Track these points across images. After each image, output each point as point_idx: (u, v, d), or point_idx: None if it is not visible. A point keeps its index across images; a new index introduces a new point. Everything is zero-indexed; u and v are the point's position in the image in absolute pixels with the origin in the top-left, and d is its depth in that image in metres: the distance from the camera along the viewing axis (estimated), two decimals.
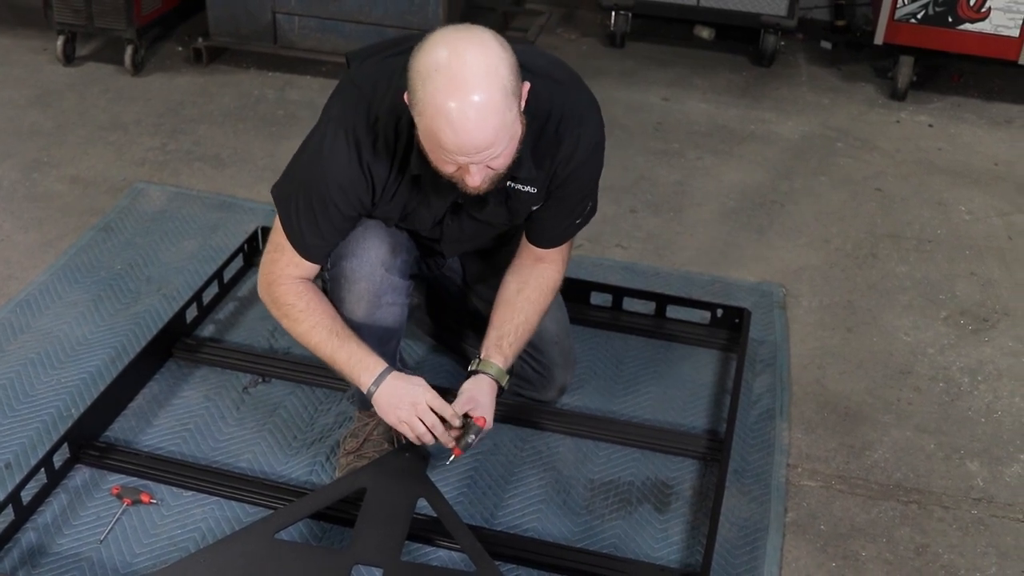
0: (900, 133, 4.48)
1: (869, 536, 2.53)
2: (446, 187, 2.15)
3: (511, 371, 2.37)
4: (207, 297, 3.09)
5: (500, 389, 2.34)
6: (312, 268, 2.33)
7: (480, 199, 2.21)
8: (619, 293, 3.13)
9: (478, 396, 2.29)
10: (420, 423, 2.26)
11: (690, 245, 3.62)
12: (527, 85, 2.02)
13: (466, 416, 2.27)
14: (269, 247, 2.34)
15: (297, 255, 2.29)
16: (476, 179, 2.01)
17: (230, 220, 3.58)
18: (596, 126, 2.28)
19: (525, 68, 2.02)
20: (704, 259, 3.54)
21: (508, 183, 2.21)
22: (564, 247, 2.46)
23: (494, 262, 2.63)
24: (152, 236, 3.49)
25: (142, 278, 3.29)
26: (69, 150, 4.04)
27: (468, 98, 1.88)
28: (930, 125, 4.55)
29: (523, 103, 2.01)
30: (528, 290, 2.42)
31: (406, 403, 2.26)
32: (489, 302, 2.66)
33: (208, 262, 3.35)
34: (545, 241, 2.42)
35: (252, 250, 3.31)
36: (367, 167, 2.16)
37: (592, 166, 2.32)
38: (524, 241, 2.46)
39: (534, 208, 2.35)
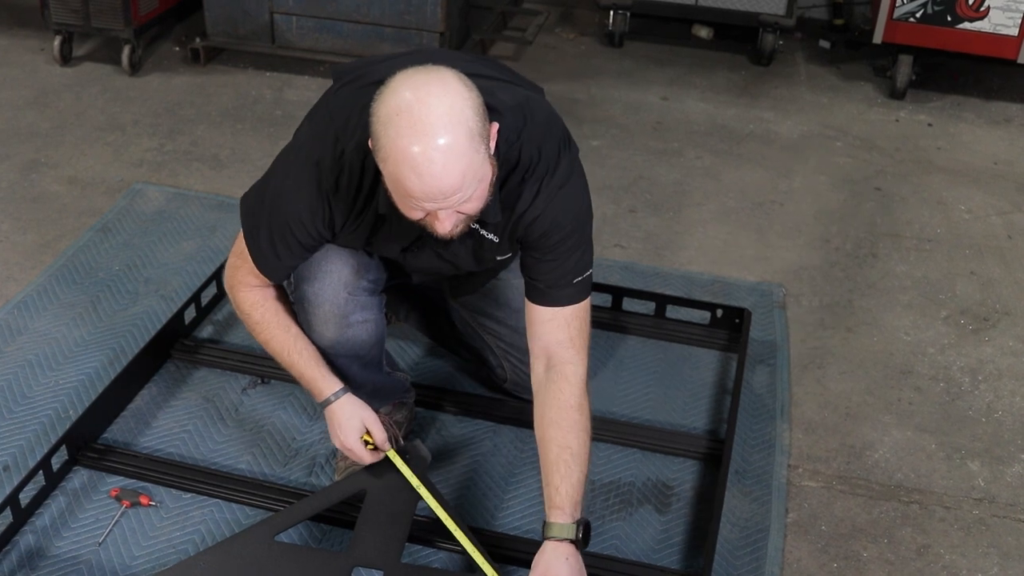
0: (899, 132, 4.47)
1: (870, 536, 2.52)
2: (411, 225, 2.03)
3: (580, 522, 2.11)
4: (206, 298, 3.08)
5: (575, 541, 2.10)
6: (273, 285, 2.32)
7: (445, 240, 2.05)
8: (619, 293, 3.12)
9: (547, 568, 2.07)
10: (357, 451, 2.29)
11: (690, 245, 3.61)
12: (495, 126, 1.93)
13: None
14: (234, 250, 2.29)
15: (256, 269, 2.25)
16: (446, 225, 1.91)
17: (229, 220, 3.56)
18: (563, 175, 2.12)
19: (495, 109, 1.95)
20: (704, 259, 3.53)
21: (476, 228, 2.11)
22: (574, 321, 2.22)
23: (473, 278, 2.58)
24: (150, 237, 3.49)
25: (140, 279, 3.28)
26: (67, 151, 4.03)
27: (432, 142, 1.78)
28: (929, 124, 4.55)
29: (493, 144, 1.91)
30: (548, 410, 2.18)
31: (344, 430, 2.28)
32: (474, 310, 2.66)
33: (207, 263, 3.34)
34: (540, 297, 2.21)
35: None
36: (328, 201, 2.09)
37: (563, 214, 2.13)
38: (530, 327, 2.25)
39: (500, 258, 2.27)
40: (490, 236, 2.17)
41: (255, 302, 2.30)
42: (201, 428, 2.72)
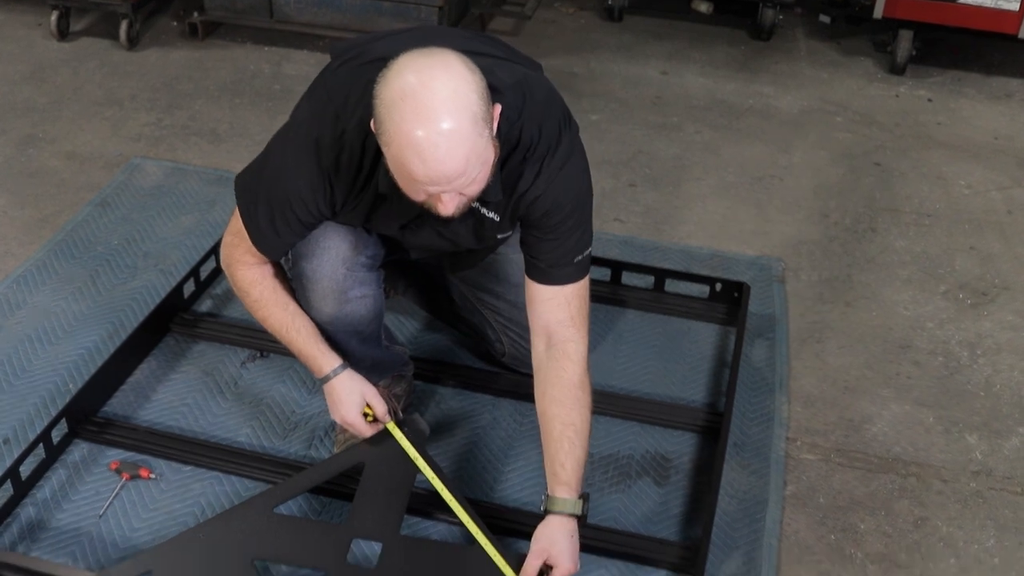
0: (899, 107, 4.46)
1: (868, 509, 2.53)
2: (411, 204, 2.01)
3: (584, 495, 2.15)
4: (204, 272, 3.08)
5: (580, 517, 2.13)
6: (271, 262, 2.31)
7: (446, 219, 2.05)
8: (618, 267, 3.12)
9: (551, 543, 2.09)
10: (358, 425, 2.30)
11: (689, 219, 3.61)
12: (498, 107, 1.92)
13: (541, 572, 2.09)
14: (230, 229, 2.28)
15: (254, 247, 2.24)
16: (449, 207, 1.91)
17: (227, 195, 3.55)
18: (564, 154, 2.12)
19: (495, 88, 1.93)
20: (703, 233, 3.53)
21: (477, 207, 2.12)
22: (574, 299, 2.24)
23: (472, 254, 2.57)
24: (149, 211, 3.48)
25: (139, 253, 3.28)
26: (64, 126, 4.02)
27: (436, 127, 1.78)
28: (929, 99, 4.54)
29: (495, 125, 1.91)
30: (550, 387, 2.20)
31: (344, 405, 2.29)
32: (473, 285, 2.66)
33: (205, 237, 3.34)
34: (540, 276, 2.22)
35: None
36: (329, 179, 2.09)
37: (564, 193, 2.14)
38: (531, 305, 2.25)
39: (500, 236, 2.28)
40: (491, 215, 2.17)
41: (253, 280, 2.29)
42: (200, 401, 2.73)
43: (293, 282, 2.34)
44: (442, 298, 2.84)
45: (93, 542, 2.35)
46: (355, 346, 2.39)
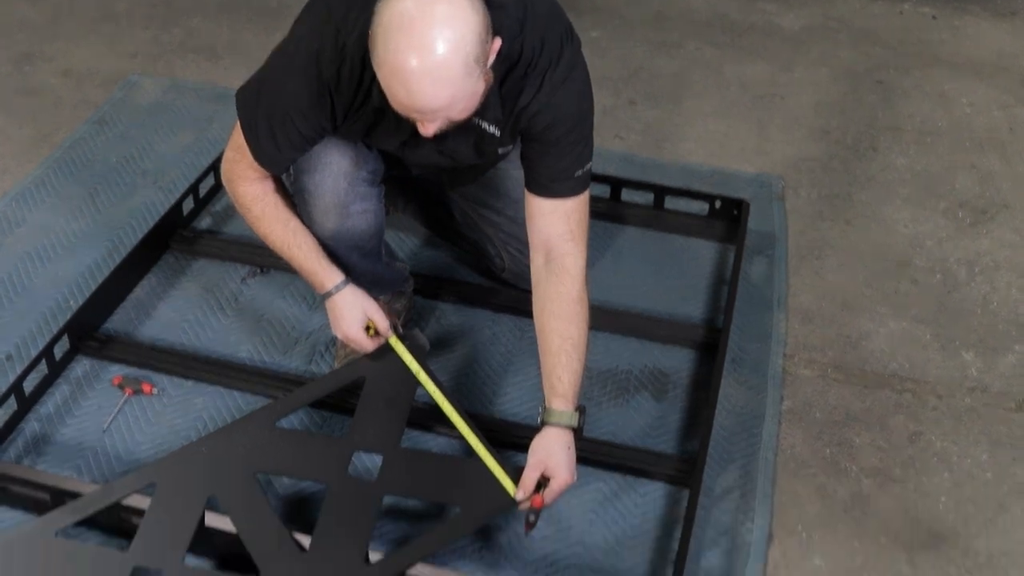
0: (903, 24, 4.42)
1: (864, 424, 2.55)
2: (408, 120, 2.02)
3: (581, 408, 2.16)
4: (204, 189, 3.07)
5: (576, 429, 2.14)
6: (272, 178, 2.30)
7: (441, 135, 2.03)
8: (617, 184, 3.11)
9: (548, 455, 2.10)
10: (360, 340, 2.30)
11: (689, 136, 3.59)
12: (497, 42, 1.90)
13: (539, 484, 2.10)
14: (231, 144, 2.26)
15: (256, 161, 2.23)
16: (430, 130, 1.92)
17: (225, 112, 3.54)
18: (566, 68, 2.10)
19: (498, 3, 1.92)
20: (703, 151, 3.52)
21: (476, 120, 2.10)
22: (574, 214, 2.23)
23: (472, 169, 2.58)
24: (147, 129, 3.47)
25: (138, 171, 3.27)
26: (60, 43, 3.98)
27: (425, 62, 1.78)
28: (933, 17, 4.49)
29: (492, 59, 1.90)
30: (549, 302, 2.20)
31: (346, 320, 2.30)
32: (473, 201, 2.66)
33: (204, 154, 3.32)
34: (540, 189, 2.21)
35: None
36: (330, 93, 2.08)
37: (565, 107, 2.13)
38: (530, 219, 2.26)
39: (500, 151, 2.28)
40: (491, 129, 2.16)
41: (255, 196, 2.28)
42: (201, 318, 2.74)
43: (295, 197, 2.33)
44: (442, 214, 2.84)
45: (97, 456, 2.37)
46: (356, 261, 2.40)
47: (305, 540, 2.02)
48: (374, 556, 2.01)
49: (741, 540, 2.25)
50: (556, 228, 2.22)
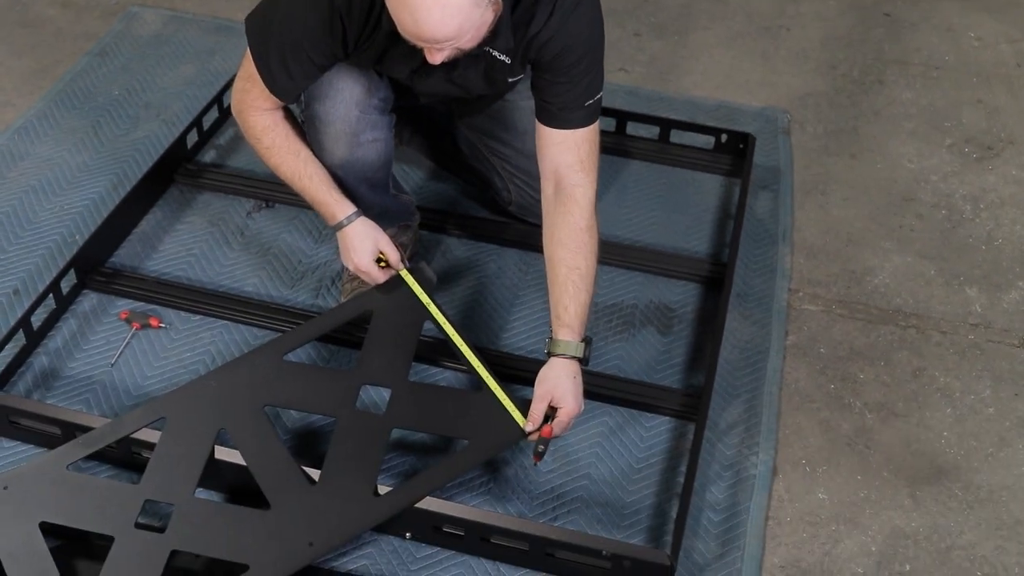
0: None
1: (867, 359, 2.57)
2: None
3: (586, 340, 2.17)
4: (207, 122, 3.06)
5: (582, 360, 2.15)
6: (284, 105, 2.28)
7: (451, 63, 2.05)
8: (623, 117, 3.09)
9: (555, 385, 2.11)
10: (372, 271, 2.30)
11: (694, 69, 3.57)
12: None
13: (547, 416, 2.12)
14: (241, 74, 2.24)
15: (267, 90, 2.21)
16: (437, 59, 1.92)
17: (227, 44, 3.51)
18: None
19: None
20: (709, 84, 3.50)
21: (486, 49, 2.10)
22: (584, 144, 2.23)
23: (480, 99, 2.57)
24: (148, 61, 3.44)
25: (140, 104, 3.25)
26: None
27: None
28: None
29: None
30: (558, 231, 2.21)
31: (358, 252, 2.29)
32: (481, 132, 2.65)
33: (206, 87, 3.30)
34: (551, 119, 2.21)
35: None
36: (341, 18, 2.06)
37: (576, 35, 2.13)
38: (540, 149, 2.26)
39: (511, 79, 2.27)
40: (502, 57, 2.15)
41: (266, 127, 2.27)
42: (207, 251, 2.74)
43: (305, 125, 2.33)
44: (449, 146, 2.83)
45: (106, 390, 2.39)
46: (364, 193, 2.39)
47: (314, 473, 2.04)
48: (383, 489, 2.03)
49: (746, 474, 2.28)
50: (566, 158, 2.21)
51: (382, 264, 2.32)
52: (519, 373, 2.39)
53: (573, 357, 2.14)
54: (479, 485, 2.22)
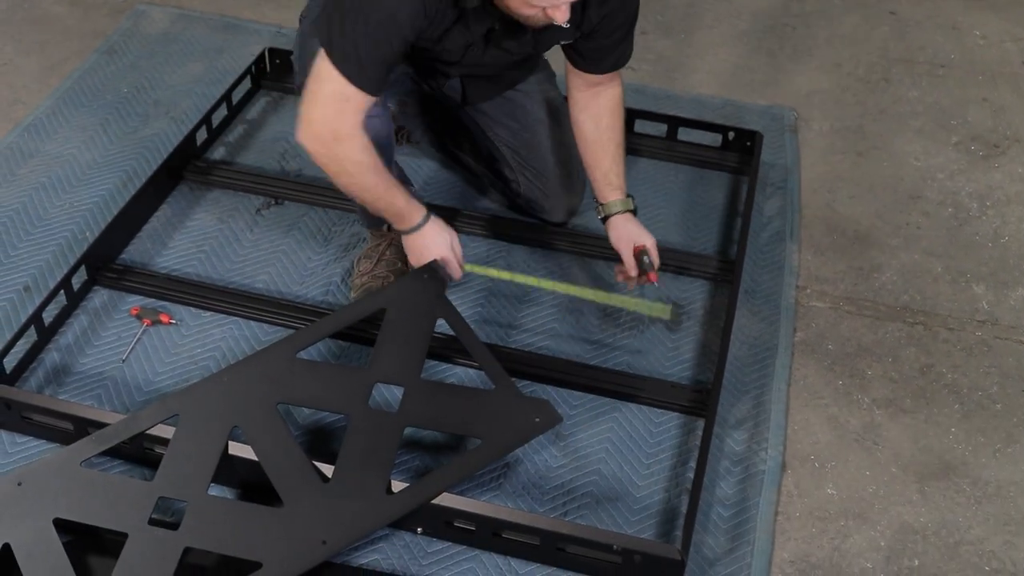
0: None
1: (875, 356, 2.58)
2: (486, 16, 2.18)
3: (631, 195, 2.48)
4: (216, 120, 3.06)
5: (633, 211, 2.47)
6: (363, 113, 2.21)
7: (518, 29, 2.22)
8: (630, 115, 3.08)
9: (629, 233, 2.43)
10: (454, 261, 2.39)
11: (701, 68, 3.58)
12: None
13: (640, 256, 2.44)
14: (327, 99, 2.15)
15: (364, 95, 2.14)
16: (566, 14, 2.04)
17: (235, 42, 3.52)
18: None
19: None
20: (715, 82, 3.50)
21: None
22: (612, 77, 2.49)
23: (495, 80, 2.61)
24: (157, 59, 3.45)
25: (149, 101, 3.25)
26: None
27: None
28: None
29: None
30: (603, 118, 2.48)
31: (439, 246, 2.37)
32: (487, 115, 2.67)
33: (215, 84, 3.31)
34: (605, 67, 2.43)
35: (260, 72, 3.27)
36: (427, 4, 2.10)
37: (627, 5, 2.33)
38: (575, 75, 2.47)
39: (562, 43, 2.38)
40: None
41: (365, 146, 2.21)
42: (217, 248, 2.75)
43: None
44: (460, 138, 2.86)
45: (117, 386, 2.40)
46: None
47: (326, 470, 2.05)
48: (396, 486, 2.04)
49: (755, 469, 2.29)
50: (607, 76, 2.46)
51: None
52: (529, 370, 2.41)
53: (627, 210, 2.45)
54: (490, 480, 2.23)
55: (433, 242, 2.36)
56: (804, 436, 2.38)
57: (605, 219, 2.47)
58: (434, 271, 2.36)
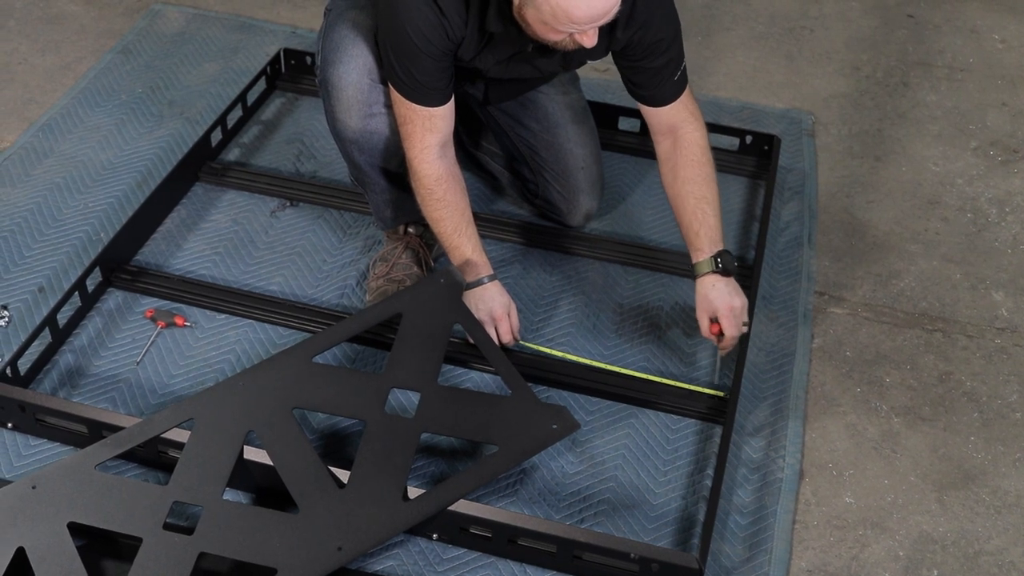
0: None
1: (894, 363, 2.56)
2: (515, 39, 2.20)
3: (720, 254, 2.35)
4: (231, 120, 3.06)
5: (721, 268, 2.35)
6: (446, 126, 2.31)
7: (547, 50, 2.22)
8: None
9: (704, 300, 2.34)
10: (505, 324, 2.40)
11: (718, 71, 3.56)
12: None
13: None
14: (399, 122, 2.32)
15: (425, 109, 2.25)
16: (593, 39, 2.06)
17: (250, 42, 3.51)
18: None
19: None
20: (732, 85, 3.48)
21: None
22: (686, 101, 2.43)
23: (519, 82, 2.58)
24: (172, 59, 3.44)
25: (164, 101, 3.25)
26: None
27: None
28: None
29: None
30: (680, 170, 2.40)
31: (497, 305, 2.39)
32: (508, 114, 2.68)
33: (230, 85, 3.30)
34: (652, 101, 2.42)
35: (275, 73, 3.26)
36: (447, 25, 2.15)
37: (657, 20, 2.31)
38: (649, 115, 2.45)
39: (589, 61, 2.41)
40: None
41: (439, 177, 2.32)
42: (232, 250, 2.74)
43: (320, 92, 2.41)
44: (477, 136, 2.86)
45: (132, 388, 2.39)
46: (382, 182, 2.46)
47: (342, 476, 2.04)
48: (412, 493, 2.03)
49: (772, 477, 2.27)
50: (677, 117, 2.42)
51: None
52: (545, 375, 2.40)
53: (710, 272, 2.33)
54: (506, 487, 2.22)
55: (493, 299, 2.39)
56: (822, 444, 2.36)
57: (695, 280, 2.38)
58: (451, 275, 2.35)
